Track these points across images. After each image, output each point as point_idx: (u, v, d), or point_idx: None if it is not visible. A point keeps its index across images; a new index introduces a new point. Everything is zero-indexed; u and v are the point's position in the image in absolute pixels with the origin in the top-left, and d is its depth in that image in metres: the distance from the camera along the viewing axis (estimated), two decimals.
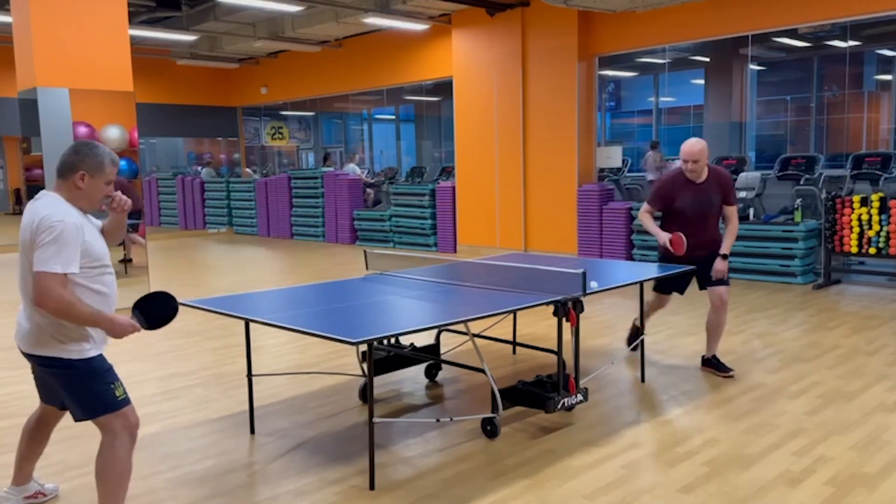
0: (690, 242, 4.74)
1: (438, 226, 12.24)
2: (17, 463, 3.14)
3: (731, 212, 4.90)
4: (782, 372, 4.94)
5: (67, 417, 4.22)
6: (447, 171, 13.07)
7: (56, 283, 2.58)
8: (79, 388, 2.78)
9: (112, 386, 2.78)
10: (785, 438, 3.78)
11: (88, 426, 4.04)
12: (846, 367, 5.01)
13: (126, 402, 2.82)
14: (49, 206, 2.70)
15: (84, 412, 2.80)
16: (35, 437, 3.12)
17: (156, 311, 2.82)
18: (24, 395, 4.78)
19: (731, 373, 4.86)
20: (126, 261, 7.42)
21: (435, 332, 4.87)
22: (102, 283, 2.80)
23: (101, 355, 2.83)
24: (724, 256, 4.81)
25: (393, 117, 20.38)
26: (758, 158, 14.64)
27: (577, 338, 3.99)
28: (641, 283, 4.70)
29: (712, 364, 4.96)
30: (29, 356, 2.83)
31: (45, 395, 3.03)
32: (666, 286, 5.05)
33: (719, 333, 4.98)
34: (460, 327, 3.72)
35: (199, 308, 3.82)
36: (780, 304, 7.19)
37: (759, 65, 14.36)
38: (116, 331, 2.73)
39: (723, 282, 4.86)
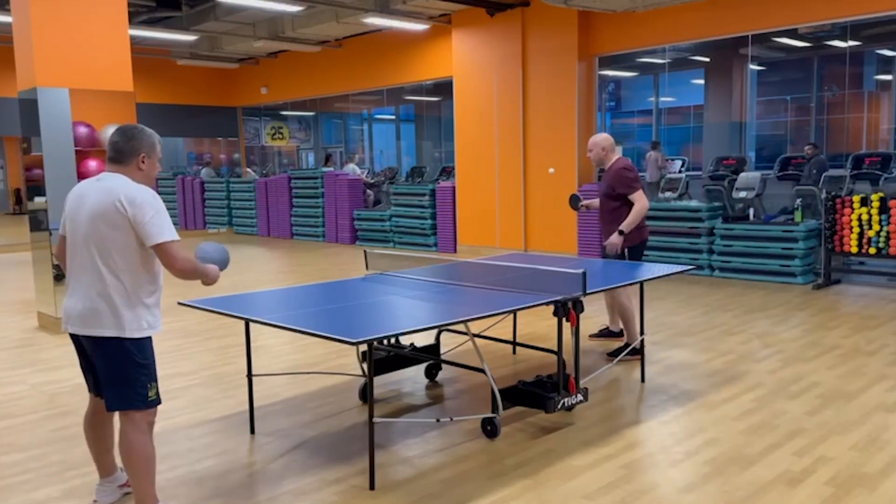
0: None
1: (438, 226, 12.24)
2: (94, 458, 3.18)
3: (633, 199, 5.23)
4: (782, 372, 4.94)
5: (57, 418, 4.23)
6: (447, 171, 13.07)
7: (180, 249, 2.82)
8: (119, 373, 2.85)
9: (148, 386, 2.87)
10: (785, 438, 3.78)
11: None
12: (846, 367, 5.01)
13: (156, 402, 2.91)
14: (129, 185, 2.84)
15: (113, 399, 2.88)
16: (95, 430, 3.15)
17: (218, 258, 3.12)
18: (24, 396, 4.78)
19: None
20: None
21: (435, 332, 4.87)
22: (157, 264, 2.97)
23: (150, 342, 2.93)
24: (620, 232, 5.20)
25: (393, 117, 20.38)
26: (758, 158, 14.64)
27: (577, 338, 3.99)
28: (641, 283, 4.70)
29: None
30: (84, 339, 2.88)
31: (92, 382, 3.06)
32: None
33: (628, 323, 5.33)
34: (460, 327, 3.72)
35: (199, 308, 3.82)
36: (780, 304, 7.19)
37: (759, 65, 14.37)
38: (212, 278, 3.03)
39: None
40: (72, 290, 2.91)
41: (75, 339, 2.95)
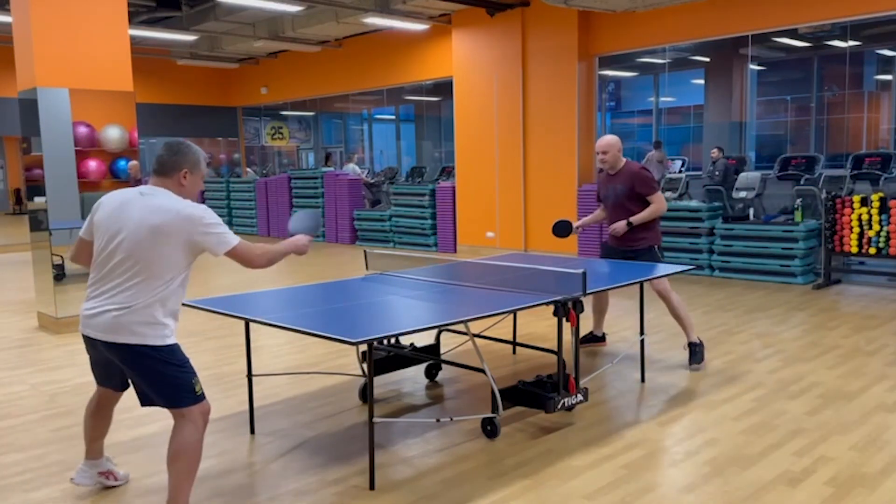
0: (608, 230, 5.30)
1: (438, 226, 12.24)
2: (86, 442, 3.25)
3: (652, 199, 5.18)
4: (782, 372, 4.94)
5: (57, 418, 4.22)
6: (447, 171, 13.07)
7: (246, 248, 2.94)
8: (163, 376, 2.88)
9: (193, 381, 2.89)
10: (785, 438, 3.78)
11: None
12: (846, 367, 5.01)
13: (203, 396, 2.93)
14: (178, 200, 2.90)
15: (167, 401, 2.91)
16: (96, 418, 3.22)
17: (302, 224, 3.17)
18: (24, 395, 4.78)
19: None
20: None
21: (435, 332, 4.87)
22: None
23: (179, 345, 2.93)
24: (629, 223, 5.13)
25: (393, 117, 20.38)
26: (758, 158, 14.64)
27: (577, 338, 3.99)
28: (641, 283, 4.70)
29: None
30: (110, 344, 2.86)
31: (102, 377, 3.11)
32: None
33: (681, 319, 5.13)
34: (460, 327, 3.72)
35: (199, 308, 3.82)
36: (780, 304, 7.19)
37: (759, 65, 14.37)
38: (301, 248, 3.20)
39: None
40: (98, 294, 2.89)
41: (90, 340, 2.94)
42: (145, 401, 2.98)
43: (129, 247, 2.82)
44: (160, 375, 2.87)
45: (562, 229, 5.40)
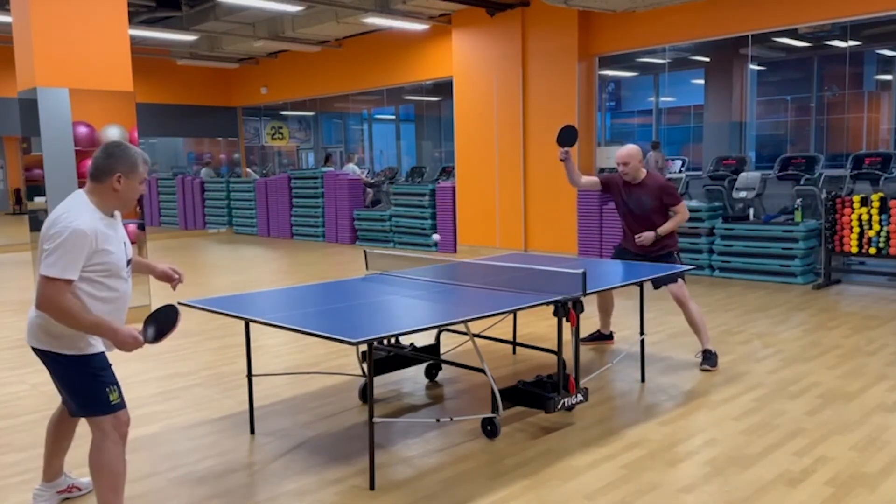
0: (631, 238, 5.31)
1: (438, 226, 12.23)
2: (45, 459, 3.16)
3: (677, 209, 5.22)
4: (782, 372, 4.94)
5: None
6: (447, 171, 13.07)
7: (54, 288, 2.59)
8: (73, 383, 2.81)
9: (107, 390, 2.78)
10: (785, 438, 3.78)
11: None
12: (846, 367, 5.01)
13: (119, 406, 2.81)
14: (69, 208, 2.71)
15: (77, 409, 2.86)
16: (59, 432, 3.14)
17: (162, 323, 2.82)
18: (24, 396, 4.78)
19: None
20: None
21: (435, 332, 4.87)
22: (111, 290, 2.80)
23: (101, 354, 2.83)
24: (656, 234, 5.15)
25: (393, 117, 20.37)
26: (758, 158, 14.62)
27: (577, 338, 3.99)
28: (641, 283, 4.70)
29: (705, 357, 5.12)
30: (33, 350, 2.85)
31: (57, 387, 3.05)
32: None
33: (697, 328, 5.17)
34: (460, 327, 3.72)
35: (199, 308, 3.82)
36: (780, 304, 7.19)
37: (759, 65, 14.35)
38: (118, 341, 2.73)
39: (671, 280, 5.04)
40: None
41: None
42: (70, 409, 2.92)
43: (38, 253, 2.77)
44: (71, 382, 2.80)
45: (568, 135, 5.28)
